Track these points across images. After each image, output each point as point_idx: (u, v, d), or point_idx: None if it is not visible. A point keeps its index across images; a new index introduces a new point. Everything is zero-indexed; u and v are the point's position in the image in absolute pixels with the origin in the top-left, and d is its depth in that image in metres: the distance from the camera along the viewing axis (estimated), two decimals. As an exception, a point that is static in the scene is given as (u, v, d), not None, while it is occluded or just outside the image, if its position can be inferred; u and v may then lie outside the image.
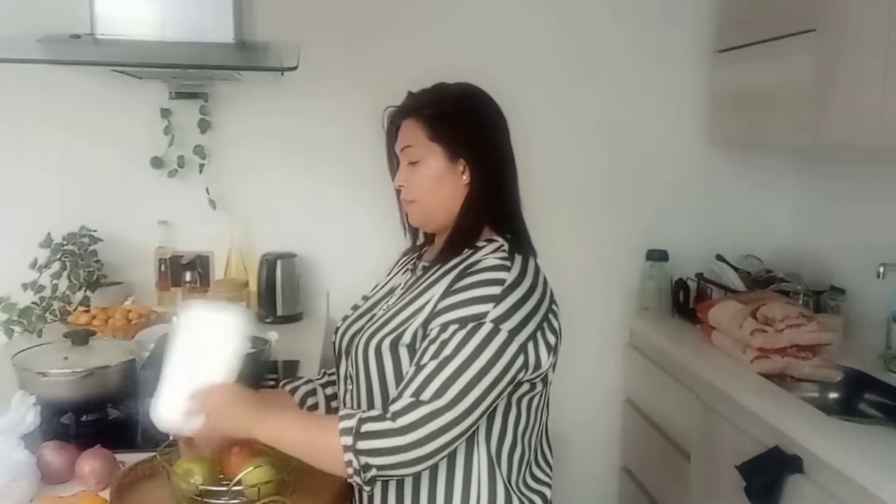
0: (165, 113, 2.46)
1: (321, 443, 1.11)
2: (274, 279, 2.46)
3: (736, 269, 2.49)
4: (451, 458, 1.17)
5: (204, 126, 2.48)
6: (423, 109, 1.25)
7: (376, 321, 1.25)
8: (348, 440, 1.08)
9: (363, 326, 1.27)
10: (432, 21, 2.56)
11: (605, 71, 2.65)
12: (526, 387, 1.19)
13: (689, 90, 2.68)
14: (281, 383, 1.46)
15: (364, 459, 1.08)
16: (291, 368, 1.98)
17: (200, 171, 2.49)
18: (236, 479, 1.16)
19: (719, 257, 2.57)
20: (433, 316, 1.16)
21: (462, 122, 1.25)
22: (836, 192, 2.56)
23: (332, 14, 2.51)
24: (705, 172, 2.74)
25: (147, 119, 2.47)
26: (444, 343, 1.11)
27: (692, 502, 2.19)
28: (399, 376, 1.18)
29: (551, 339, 1.19)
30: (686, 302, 2.57)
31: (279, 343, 2.11)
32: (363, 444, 1.07)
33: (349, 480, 1.11)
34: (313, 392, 1.42)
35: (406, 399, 1.09)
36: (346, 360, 1.29)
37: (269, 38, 2.34)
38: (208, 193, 2.50)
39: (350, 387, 1.28)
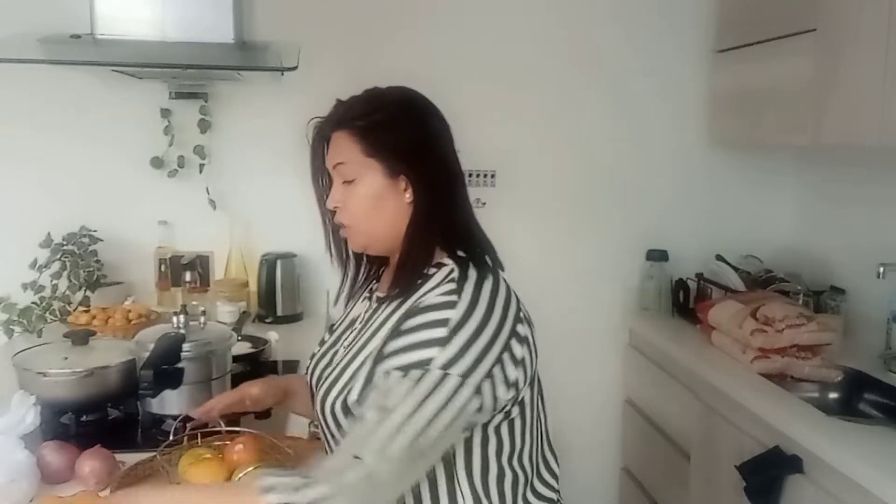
0: (165, 113, 2.46)
1: None
2: (274, 279, 2.46)
3: (736, 269, 2.49)
4: (435, 499, 1.09)
5: (204, 126, 2.48)
6: (355, 120, 1.11)
7: (331, 373, 1.15)
8: None
9: (323, 372, 1.18)
10: (433, 21, 2.56)
11: (605, 71, 2.65)
12: (499, 417, 1.09)
13: (689, 90, 2.68)
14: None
15: None
16: (291, 368, 1.98)
17: (200, 171, 2.49)
18: (236, 479, 1.16)
19: (719, 257, 2.57)
20: (379, 359, 1.05)
21: (401, 133, 1.11)
22: (835, 193, 2.56)
23: (332, 14, 2.51)
24: (705, 172, 2.74)
25: (147, 119, 2.47)
26: (386, 394, 1.00)
27: (692, 502, 2.19)
28: None
29: (511, 373, 1.05)
30: (686, 302, 2.57)
31: (279, 343, 2.12)
32: None
33: None
34: None
35: (345, 458, 0.97)
36: (314, 403, 1.20)
37: (269, 38, 2.34)
38: (208, 193, 2.51)
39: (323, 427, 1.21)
